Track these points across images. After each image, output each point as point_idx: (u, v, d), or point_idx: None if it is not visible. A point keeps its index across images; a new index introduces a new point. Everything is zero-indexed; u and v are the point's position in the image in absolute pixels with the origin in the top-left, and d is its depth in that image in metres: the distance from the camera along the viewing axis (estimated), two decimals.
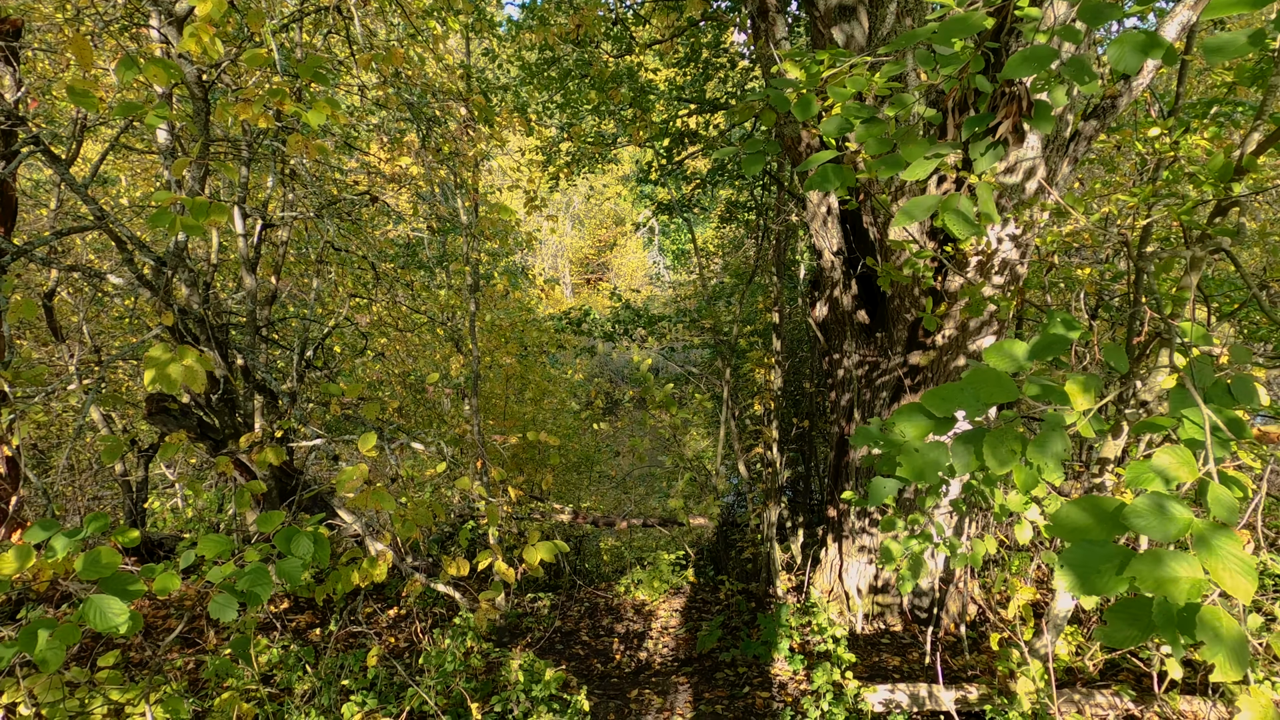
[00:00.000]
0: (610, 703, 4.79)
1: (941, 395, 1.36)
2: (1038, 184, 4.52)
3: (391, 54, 3.62)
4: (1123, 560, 1.07)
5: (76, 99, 2.20)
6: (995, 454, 1.30)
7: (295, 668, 4.00)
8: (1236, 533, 1.03)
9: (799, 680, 4.88)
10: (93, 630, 1.79)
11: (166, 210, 2.58)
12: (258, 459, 3.14)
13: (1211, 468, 1.14)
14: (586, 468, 12.95)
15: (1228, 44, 1.29)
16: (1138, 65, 1.42)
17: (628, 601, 7.08)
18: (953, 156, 1.80)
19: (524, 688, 3.82)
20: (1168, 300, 3.07)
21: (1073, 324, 1.64)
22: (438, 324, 8.54)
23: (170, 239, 4.08)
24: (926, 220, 4.90)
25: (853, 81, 2.41)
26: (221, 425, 5.24)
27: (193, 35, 2.86)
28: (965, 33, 1.54)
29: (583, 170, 9.31)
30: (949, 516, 5.24)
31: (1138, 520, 1.07)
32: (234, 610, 1.79)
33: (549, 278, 30.72)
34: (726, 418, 7.58)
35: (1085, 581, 1.09)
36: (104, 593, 1.67)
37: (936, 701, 4.08)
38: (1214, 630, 0.98)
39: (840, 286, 5.50)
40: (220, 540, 1.97)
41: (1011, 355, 1.59)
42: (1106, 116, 4.79)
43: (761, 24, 4.37)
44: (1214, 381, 1.75)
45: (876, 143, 1.88)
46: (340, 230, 7.09)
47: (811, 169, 2.00)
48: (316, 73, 3.19)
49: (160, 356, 2.46)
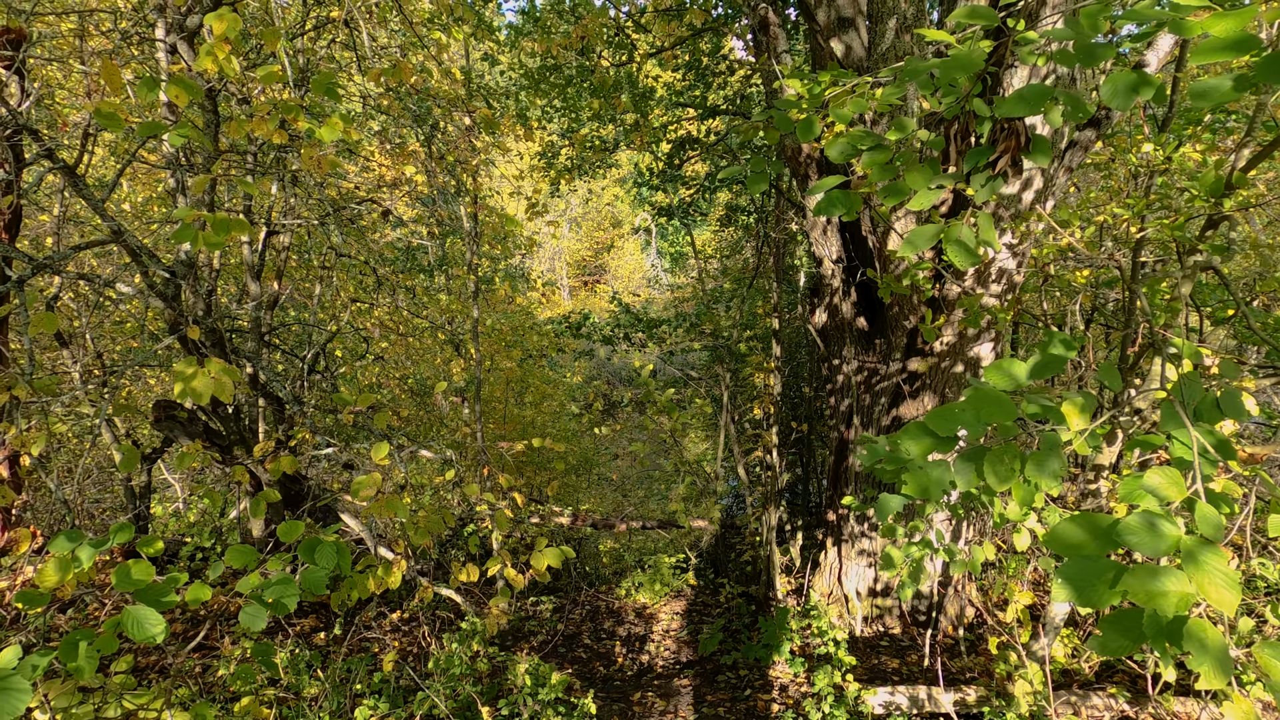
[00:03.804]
0: (614, 705, 4.86)
1: (944, 415, 1.44)
2: (1034, 194, 4.61)
3: (400, 68, 3.68)
4: (1116, 574, 1.15)
5: (103, 120, 2.26)
6: (996, 471, 1.38)
7: (304, 672, 4.06)
8: (1221, 549, 1.11)
9: (800, 683, 4.95)
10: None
11: (189, 226, 2.64)
12: (271, 468, 3.20)
13: (1199, 487, 1.22)
14: (586, 470, 13.03)
15: (1212, 89, 1.37)
16: (1128, 104, 1.49)
17: (629, 604, 7.15)
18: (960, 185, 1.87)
19: (530, 691, 3.89)
20: (1160, 311, 3.15)
21: (1070, 344, 1.72)
22: (438, 328, 8.61)
23: (179, 249, 4.14)
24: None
25: (854, 103, 2.49)
26: (227, 432, 5.29)
27: (209, 54, 2.92)
28: (966, 71, 1.62)
29: (584, 175, 9.39)
30: (948, 521, 5.32)
31: (1130, 537, 1.15)
32: (263, 620, 1.86)
33: (547, 280, 30.80)
34: (725, 422, 7.66)
35: (1082, 594, 1.16)
36: (139, 603, 1.74)
37: (936, 703, 4.16)
38: (1200, 641, 1.05)
39: (840, 294, 5.58)
40: (246, 551, 2.04)
41: (1011, 374, 1.67)
42: (1102, 126, 4.89)
43: (763, 38, 4.45)
44: (1203, 396, 1.83)
45: (880, 170, 1.95)
46: (343, 236, 7.15)
47: (818, 195, 2.07)
48: (329, 88, 3.26)
49: (186, 370, 2.52)
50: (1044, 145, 1.72)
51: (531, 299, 11.86)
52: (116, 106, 2.30)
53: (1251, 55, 1.36)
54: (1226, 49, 1.37)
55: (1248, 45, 1.35)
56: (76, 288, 6.97)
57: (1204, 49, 1.38)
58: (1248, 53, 1.35)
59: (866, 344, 5.62)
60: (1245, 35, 1.36)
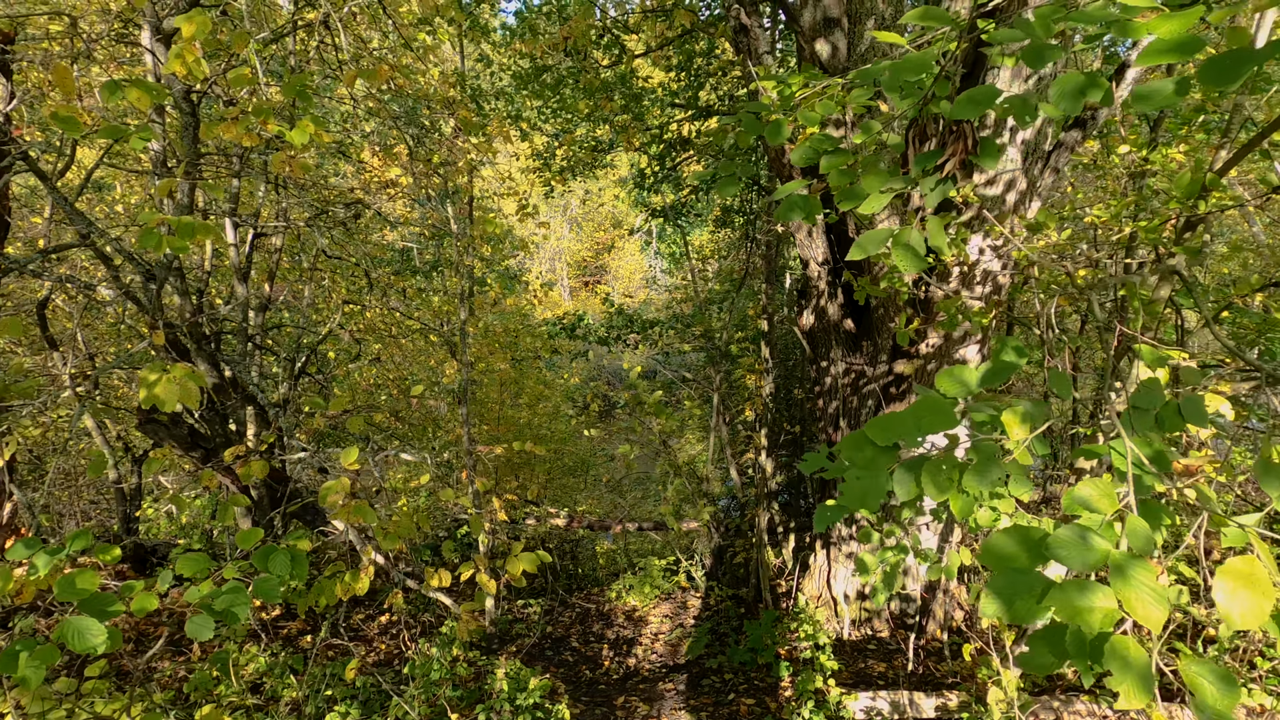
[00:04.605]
0: (597, 710, 4.84)
1: (884, 424, 1.41)
2: (1018, 195, 4.58)
3: (377, 70, 3.67)
4: (1044, 589, 1.12)
5: (61, 124, 2.25)
6: (934, 481, 1.35)
7: (282, 676, 4.05)
8: (1152, 563, 1.08)
9: (784, 687, 4.92)
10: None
11: (153, 230, 2.63)
12: (241, 472, 3.19)
13: (1131, 500, 1.19)
14: (582, 472, 13.01)
15: (1155, 92, 1.35)
16: (1077, 107, 1.47)
17: (619, 607, 7.13)
18: (912, 189, 1.85)
19: (508, 696, 3.87)
20: (1137, 315, 3.12)
21: (1022, 351, 1.69)
22: (431, 330, 8.59)
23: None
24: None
25: (822, 106, 2.46)
26: (212, 435, 5.28)
27: (177, 56, 2.91)
28: (915, 73, 1.59)
29: (578, 176, 9.37)
30: (933, 525, 5.29)
31: (1059, 550, 1.12)
32: (210, 629, 1.84)
33: (546, 281, 30.76)
34: (717, 424, 7.63)
35: (1009, 609, 1.14)
36: (82, 613, 1.72)
37: (918, 709, 4.13)
38: (1122, 659, 1.02)
39: (826, 296, 5.56)
40: (198, 559, 2.02)
41: (963, 381, 1.65)
42: (1088, 127, 4.85)
43: (743, 40, 4.43)
44: (1165, 403, 1.80)
45: (839, 174, 1.93)
46: (333, 238, 7.14)
47: (779, 198, 2.05)
48: (301, 91, 3.24)
49: (149, 376, 2.51)
50: (991, 148, 1.69)
51: (524, 300, 11.83)
52: (74, 110, 2.29)
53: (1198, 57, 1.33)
54: (1171, 51, 1.34)
55: (1192, 47, 1.32)
56: (68, 291, 6.97)
57: (1150, 51, 1.36)
58: (1192, 55, 1.32)
59: (854, 346, 5.59)
60: (1190, 37, 1.33)
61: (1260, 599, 1.01)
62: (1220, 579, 1.04)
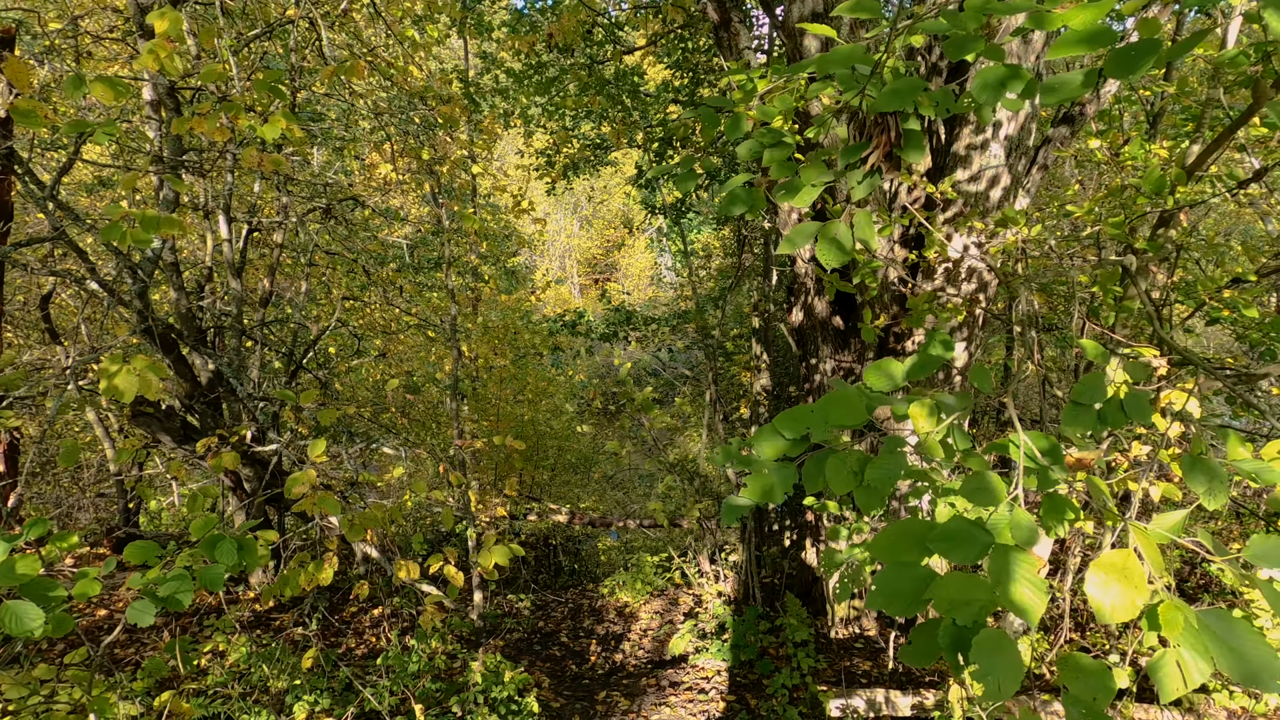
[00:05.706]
0: (577, 704, 4.86)
1: (793, 417, 1.41)
2: (1002, 191, 4.54)
3: (355, 67, 3.69)
4: (927, 581, 1.12)
5: (20, 118, 2.29)
6: (837, 475, 1.35)
7: (258, 666, 4.10)
8: (1031, 555, 1.07)
9: (764, 684, 4.92)
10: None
11: (118, 224, 2.67)
12: (212, 464, 3.23)
13: (1019, 492, 1.18)
14: (585, 468, 13.03)
15: (1063, 84, 1.34)
16: (996, 99, 1.46)
17: (611, 603, 7.15)
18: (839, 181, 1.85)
19: (483, 689, 3.89)
20: (1110, 311, 3.09)
21: (949, 345, 1.68)
22: (429, 326, 8.64)
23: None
24: (898, 230, 4.93)
25: (780, 100, 2.46)
26: (204, 427, 5.35)
27: (150, 52, 2.95)
28: (842, 65, 1.59)
29: (580, 174, 9.39)
30: None
31: (941, 544, 1.12)
32: (151, 615, 1.87)
33: (556, 278, 30.81)
34: (710, 420, 7.63)
35: (892, 602, 1.13)
36: (23, 598, 1.76)
37: (894, 707, 4.11)
38: (990, 652, 1.02)
39: (814, 293, 5.53)
40: (148, 547, 2.05)
41: (889, 374, 1.64)
42: (1077, 123, 4.80)
43: (724, 35, 4.41)
44: (1108, 399, 1.78)
45: (778, 166, 1.92)
46: (331, 234, 7.20)
47: (725, 193, 2.05)
48: (274, 87, 3.28)
49: (110, 367, 2.55)
50: (916, 140, 1.68)
51: (521, 297, 11.88)
52: (35, 105, 2.33)
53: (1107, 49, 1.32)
54: (1082, 43, 1.33)
55: (1103, 39, 1.31)
56: (64, 284, 7.07)
57: (1062, 43, 1.34)
58: (1103, 46, 1.31)
59: (842, 343, 5.57)
60: (1100, 29, 1.32)
61: (1132, 592, 1.00)
62: (1093, 572, 1.03)
